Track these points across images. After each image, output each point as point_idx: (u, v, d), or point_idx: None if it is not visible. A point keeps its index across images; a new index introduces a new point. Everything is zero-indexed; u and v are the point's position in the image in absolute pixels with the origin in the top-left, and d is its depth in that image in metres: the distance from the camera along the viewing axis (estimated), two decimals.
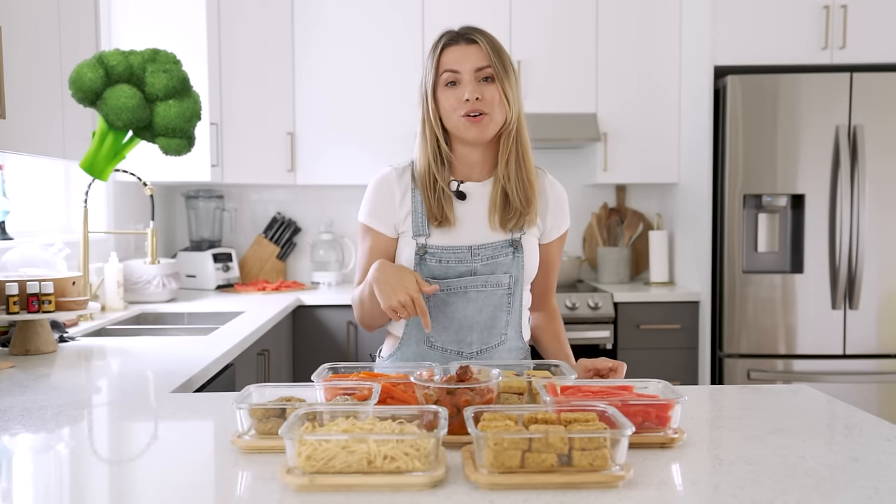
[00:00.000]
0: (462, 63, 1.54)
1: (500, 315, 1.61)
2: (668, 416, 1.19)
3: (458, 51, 1.55)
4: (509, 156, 1.58)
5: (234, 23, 3.48)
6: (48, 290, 2.03)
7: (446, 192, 1.58)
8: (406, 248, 1.60)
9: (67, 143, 2.20)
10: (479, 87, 1.53)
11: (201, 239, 3.83)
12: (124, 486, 1.08)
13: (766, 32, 3.29)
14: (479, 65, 1.53)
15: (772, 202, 3.26)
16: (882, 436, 1.23)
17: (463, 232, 1.59)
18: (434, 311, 1.59)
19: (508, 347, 1.64)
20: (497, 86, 1.54)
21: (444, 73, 1.55)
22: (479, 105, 1.52)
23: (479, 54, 1.54)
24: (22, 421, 1.37)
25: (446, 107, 1.55)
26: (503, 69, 1.54)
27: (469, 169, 1.62)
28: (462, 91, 1.53)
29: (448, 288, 1.58)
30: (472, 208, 1.61)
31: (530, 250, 1.62)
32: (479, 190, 1.62)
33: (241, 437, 1.17)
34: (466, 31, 1.58)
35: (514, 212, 1.58)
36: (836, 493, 0.99)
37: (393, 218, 1.62)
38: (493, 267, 1.59)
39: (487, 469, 1.01)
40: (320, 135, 3.71)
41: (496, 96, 1.54)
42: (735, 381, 3.25)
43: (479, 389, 1.23)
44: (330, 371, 1.39)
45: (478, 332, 1.60)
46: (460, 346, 1.61)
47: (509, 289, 1.60)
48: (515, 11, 3.66)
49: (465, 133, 1.54)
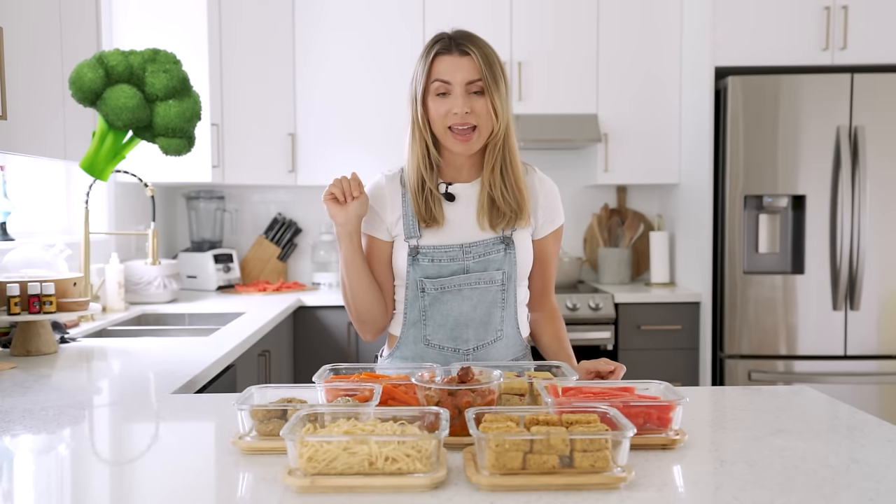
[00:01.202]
0: (454, 74, 1.55)
1: (495, 311, 1.63)
2: (669, 418, 1.19)
3: (450, 61, 1.56)
4: (495, 163, 1.61)
5: (234, 23, 3.48)
6: (49, 291, 2.03)
7: (434, 194, 1.61)
8: (400, 251, 1.63)
9: (68, 143, 2.20)
10: (468, 100, 1.55)
11: (202, 240, 3.83)
12: (125, 487, 1.08)
13: (766, 33, 3.29)
14: (471, 78, 1.55)
15: (772, 203, 3.26)
16: (883, 437, 1.23)
17: (453, 231, 1.62)
18: (430, 310, 1.62)
19: (506, 343, 1.65)
20: (487, 99, 1.56)
21: (434, 81, 1.57)
22: (468, 118, 1.55)
23: (472, 67, 1.55)
24: (23, 422, 1.37)
25: (435, 115, 1.58)
26: (494, 82, 1.56)
27: (457, 171, 1.65)
28: (452, 103, 1.55)
29: (442, 286, 1.60)
30: (460, 209, 1.63)
31: (522, 246, 1.64)
32: (468, 191, 1.64)
33: (243, 438, 1.17)
34: (460, 40, 1.57)
35: (503, 216, 1.61)
36: (837, 495, 0.99)
37: (385, 222, 1.65)
38: (486, 264, 1.61)
39: (489, 470, 1.01)
40: (321, 135, 3.71)
41: (485, 109, 1.56)
42: (736, 382, 3.25)
43: (480, 391, 1.23)
44: (331, 372, 1.39)
45: (473, 329, 1.62)
46: (457, 344, 1.62)
47: (503, 285, 1.62)
48: (516, 12, 3.66)
49: (452, 146, 1.58)
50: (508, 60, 3.64)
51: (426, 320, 1.62)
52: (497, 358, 1.64)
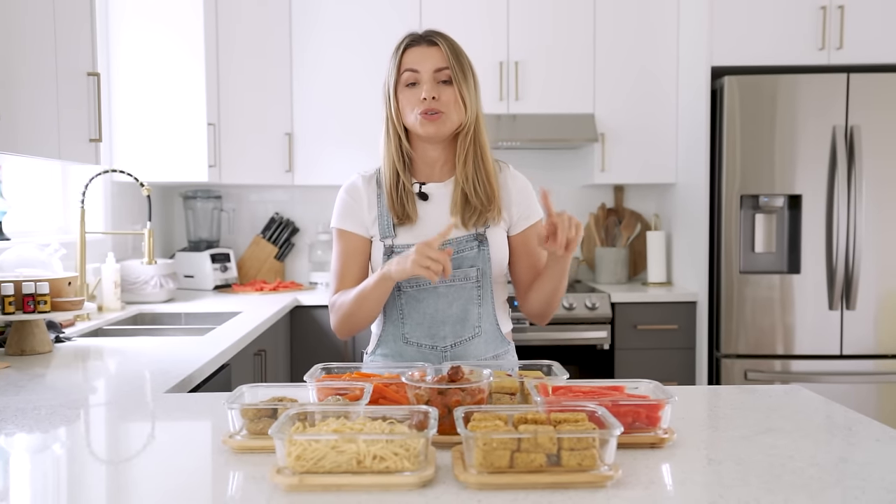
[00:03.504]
0: (422, 63, 1.60)
1: (472, 308, 1.64)
2: (658, 417, 1.20)
3: (418, 52, 1.61)
4: (466, 156, 1.63)
5: (232, 23, 3.48)
6: (44, 291, 2.04)
7: (408, 188, 1.64)
8: (376, 251, 1.66)
9: (63, 143, 2.21)
10: (436, 87, 1.59)
11: (199, 239, 3.83)
12: (120, 486, 1.09)
13: (763, 33, 3.29)
14: (438, 66, 1.59)
15: (769, 202, 3.26)
16: (872, 436, 1.23)
17: (427, 230, 1.63)
18: (407, 308, 1.64)
19: (485, 340, 1.67)
20: (454, 88, 1.60)
21: (404, 72, 1.61)
22: (435, 104, 1.58)
23: (439, 55, 1.60)
24: (17, 421, 1.37)
25: (405, 105, 1.61)
26: (461, 72, 1.61)
27: (430, 169, 1.68)
28: (421, 91, 1.59)
29: (417, 284, 1.62)
30: (434, 207, 1.66)
31: (496, 242, 1.65)
32: (441, 190, 1.67)
33: (233, 437, 1.17)
34: (428, 33, 1.64)
35: (475, 210, 1.63)
36: (823, 493, 0.99)
37: (363, 220, 1.67)
38: (460, 261, 1.63)
39: (477, 469, 1.01)
40: (318, 135, 3.71)
41: (452, 98, 1.60)
42: (732, 381, 3.26)
43: (470, 390, 1.24)
44: (323, 371, 1.40)
45: (450, 326, 1.64)
46: (434, 341, 1.64)
47: (478, 282, 1.64)
48: (513, 12, 3.66)
49: (422, 130, 1.60)
50: (505, 60, 3.64)
51: (404, 318, 1.65)
52: (476, 355, 1.65)
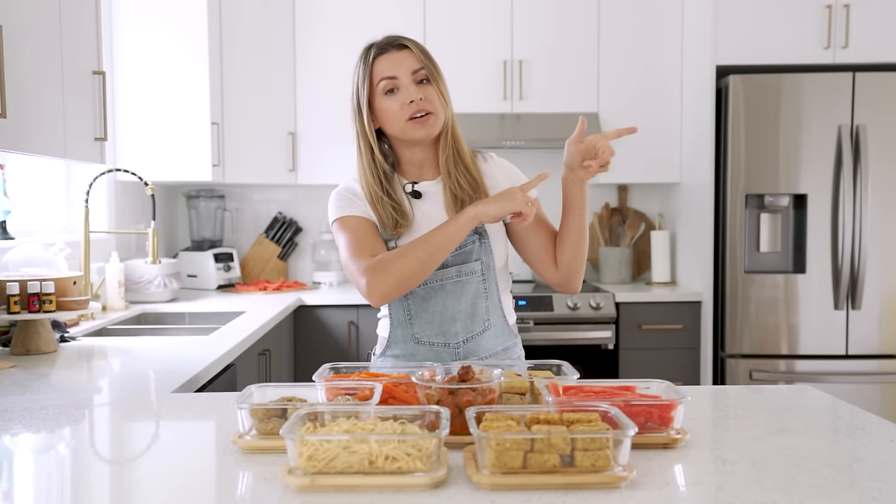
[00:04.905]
0: (397, 68, 1.57)
1: (480, 302, 1.63)
2: (670, 417, 1.19)
3: (390, 58, 1.58)
4: (448, 155, 1.62)
5: (235, 23, 3.48)
6: (49, 290, 2.03)
7: (396, 199, 1.60)
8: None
9: (68, 142, 2.20)
10: (419, 88, 1.57)
11: (202, 239, 3.83)
12: (125, 487, 1.08)
13: (768, 32, 3.28)
14: (414, 67, 1.57)
15: (774, 202, 3.25)
16: (886, 436, 1.23)
17: (425, 229, 1.59)
18: (414, 308, 1.63)
19: (494, 333, 1.66)
20: (434, 86, 1.58)
21: (380, 81, 1.57)
22: (423, 105, 1.56)
23: (413, 58, 1.58)
24: (23, 421, 1.37)
25: (389, 113, 1.57)
26: (436, 70, 1.60)
27: (419, 169, 1.66)
28: (403, 95, 1.56)
29: (424, 283, 1.61)
30: (429, 206, 1.64)
31: (495, 233, 1.65)
32: (434, 188, 1.66)
33: (242, 437, 1.17)
34: (393, 38, 1.61)
35: (464, 204, 1.60)
36: (839, 494, 0.99)
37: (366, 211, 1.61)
38: (463, 257, 1.62)
39: (489, 470, 1.00)
40: (322, 135, 3.70)
41: (436, 95, 1.58)
42: (737, 381, 3.25)
43: (480, 389, 1.23)
44: (331, 371, 1.39)
45: (461, 322, 1.63)
46: (446, 338, 1.63)
47: (483, 275, 1.63)
48: (517, 11, 3.65)
49: (414, 134, 1.57)
50: (509, 59, 3.63)
51: (412, 319, 1.63)
52: (487, 348, 1.65)
